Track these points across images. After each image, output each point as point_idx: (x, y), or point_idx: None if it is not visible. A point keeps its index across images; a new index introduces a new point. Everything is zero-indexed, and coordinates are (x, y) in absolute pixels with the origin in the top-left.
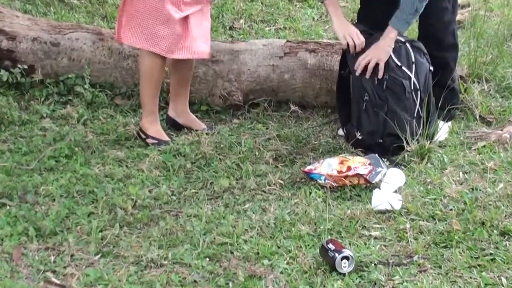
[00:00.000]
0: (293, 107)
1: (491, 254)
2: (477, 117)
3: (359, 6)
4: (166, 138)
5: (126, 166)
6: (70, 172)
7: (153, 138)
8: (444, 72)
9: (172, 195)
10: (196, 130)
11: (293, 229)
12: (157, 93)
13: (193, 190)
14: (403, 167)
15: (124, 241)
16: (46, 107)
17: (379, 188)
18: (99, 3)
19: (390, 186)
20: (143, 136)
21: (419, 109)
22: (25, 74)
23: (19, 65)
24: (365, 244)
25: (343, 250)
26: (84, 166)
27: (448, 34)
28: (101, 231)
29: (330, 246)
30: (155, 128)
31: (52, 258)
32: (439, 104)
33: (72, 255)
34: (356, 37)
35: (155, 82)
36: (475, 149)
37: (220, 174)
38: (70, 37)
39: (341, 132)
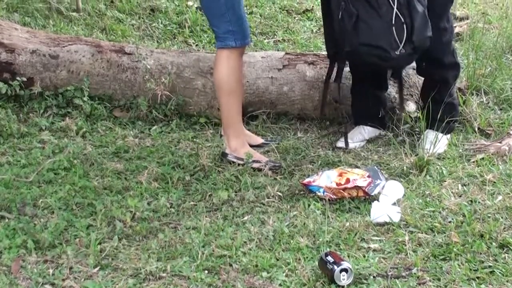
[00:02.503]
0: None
1: (490, 266)
2: (476, 129)
3: None
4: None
5: (125, 178)
6: (68, 185)
7: (257, 161)
8: (442, 88)
9: (171, 207)
10: (258, 146)
11: (292, 241)
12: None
13: (192, 202)
14: (401, 179)
15: (123, 253)
16: (45, 119)
17: (378, 200)
18: (98, 15)
19: (389, 198)
20: (241, 162)
21: (398, 14)
22: (24, 87)
23: (18, 78)
24: (364, 256)
25: (342, 262)
26: (83, 178)
27: (448, 54)
28: (99, 243)
29: (329, 258)
30: (247, 149)
31: (51, 270)
32: (438, 116)
33: (71, 268)
34: None
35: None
36: (474, 162)
37: (219, 186)
38: (69, 49)
39: (339, 144)
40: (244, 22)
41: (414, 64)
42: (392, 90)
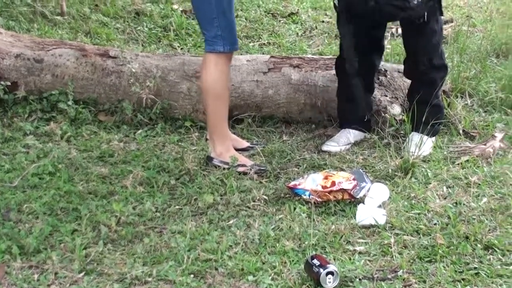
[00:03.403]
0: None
1: (475, 268)
2: (461, 131)
3: None
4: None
5: (110, 182)
6: (53, 189)
7: (242, 165)
8: (428, 89)
9: (156, 211)
10: (243, 149)
11: (277, 244)
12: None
13: (177, 207)
14: (387, 182)
15: (108, 258)
16: (30, 124)
17: (363, 203)
18: (82, 19)
19: (374, 201)
20: (226, 166)
21: None
22: (8, 91)
23: (2, 82)
24: (350, 259)
25: (328, 265)
26: (68, 183)
27: (436, 56)
28: (85, 248)
29: (315, 261)
30: (232, 153)
31: (36, 276)
32: (424, 119)
33: (56, 273)
34: None
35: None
36: (458, 164)
37: (204, 190)
38: (53, 53)
39: (325, 147)
40: (234, 27)
41: (400, 66)
42: (377, 93)
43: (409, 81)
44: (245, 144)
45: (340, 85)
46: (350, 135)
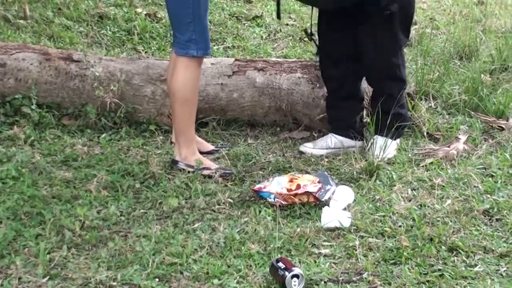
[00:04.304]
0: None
1: (439, 270)
2: (425, 134)
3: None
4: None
5: (74, 187)
6: (17, 194)
7: (207, 168)
8: (386, 100)
9: (120, 215)
10: (208, 153)
11: (243, 248)
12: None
13: (142, 210)
14: (351, 184)
15: (72, 263)
16: None
17: (328, 205)
18: (45, 23)
19: (339, 203)
20: (191, 170)
21: None
22: None
23: None
24: (315, 262)
25: (293, 268)
26: (32, 187)
27: (394, 68)
28: (49, 253)
29: (280, 264)
30: (197, 156)
31: (0, 281)
32: (387, 124)
33: (19, 278)
34: None
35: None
36: (423, 166)
37: (169, 193)
38: (16, 57)
39: (301, 148)
40: (207, 32)
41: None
42: None
43: None
44: (210, 147)
45: (329, 92)
46: (331, 140)
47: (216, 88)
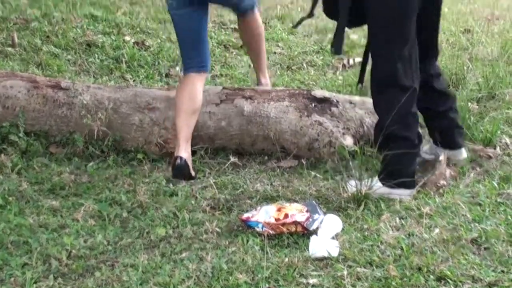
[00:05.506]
0: (232, 159)
1: None
2: None
3: None
4: None
5: (61, 215)
6: (3, 222)
7: None
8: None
9: (108, 244)
10: None
11: (230, 278)
12: None
13: (129, 240)
14: (339, 214)
15: None
16: None
17: (316, 235)
18: (33, 50)
19: (327, 232)
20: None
21: None
22: None
23: None
24: None
25: None
26: (18, 216)
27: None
28: (35, 282)
29: None
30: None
31: None
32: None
33: None
34: None
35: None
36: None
37: (156, 222)
38: (4, 85)
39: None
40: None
41: (352, 98)
42: (329, 124)
43: (361, 112)
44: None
45: None
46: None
47: (204, 116)
